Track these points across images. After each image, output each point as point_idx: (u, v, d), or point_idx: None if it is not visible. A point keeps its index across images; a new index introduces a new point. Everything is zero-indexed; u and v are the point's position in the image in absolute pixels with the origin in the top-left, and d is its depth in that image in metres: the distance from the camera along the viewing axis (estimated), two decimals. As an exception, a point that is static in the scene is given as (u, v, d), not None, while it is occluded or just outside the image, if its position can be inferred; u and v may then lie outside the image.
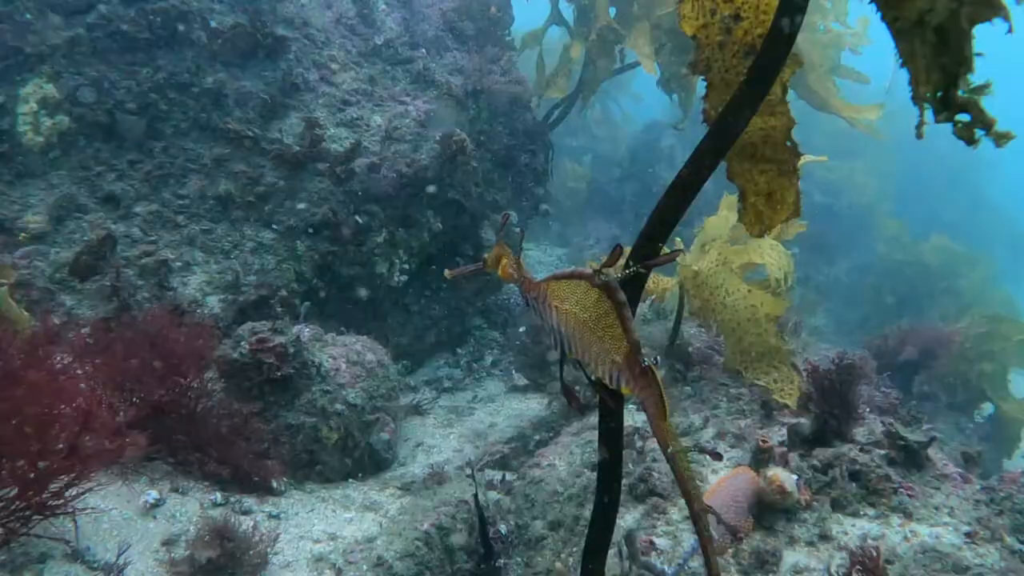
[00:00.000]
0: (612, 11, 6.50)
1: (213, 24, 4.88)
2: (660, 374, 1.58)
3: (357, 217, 4.96)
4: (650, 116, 13.21)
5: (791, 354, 3.68)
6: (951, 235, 13.01)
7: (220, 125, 4.78)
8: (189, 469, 3.48)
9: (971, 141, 1.22)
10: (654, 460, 3.50)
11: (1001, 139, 1.22)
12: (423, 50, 5.59)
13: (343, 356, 4.09)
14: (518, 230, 2.82)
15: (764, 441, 3.13)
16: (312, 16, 5.29)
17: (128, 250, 4.43)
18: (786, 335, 4.06)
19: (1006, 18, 1.20)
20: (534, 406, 5.05)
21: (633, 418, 3.87)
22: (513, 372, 5.79)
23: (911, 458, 3.28)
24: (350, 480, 4.06)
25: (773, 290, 3.86)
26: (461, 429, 4.85)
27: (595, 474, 3.79)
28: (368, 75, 5.37)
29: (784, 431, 3.63)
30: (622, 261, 1.67)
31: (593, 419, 4.28)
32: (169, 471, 3.46)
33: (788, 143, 1.95)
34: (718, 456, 1.70)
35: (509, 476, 4.19)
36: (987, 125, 1.19)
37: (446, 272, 2.18)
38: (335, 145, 4.97)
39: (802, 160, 1.99)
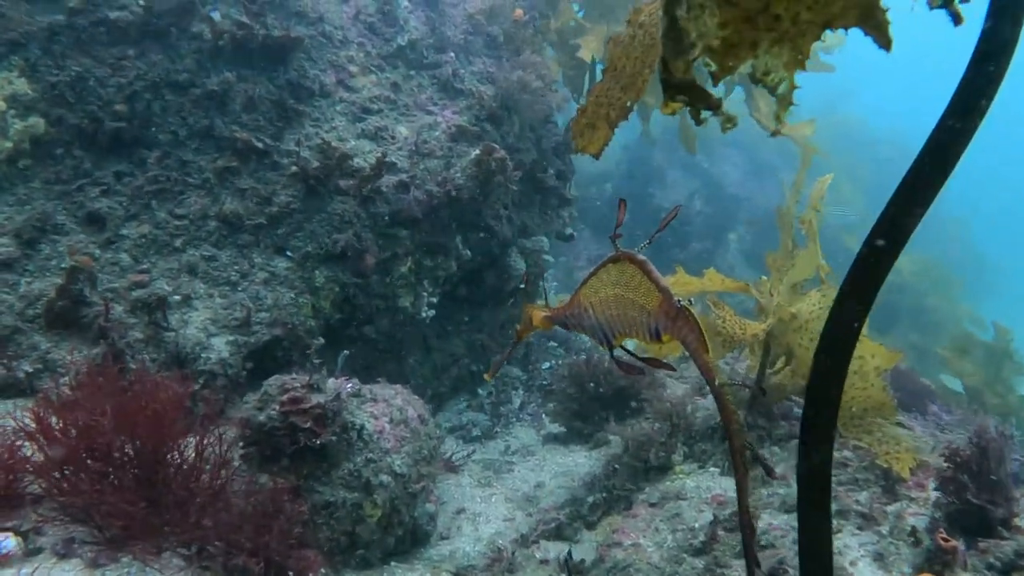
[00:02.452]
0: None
1: (216, 16, 4.17)
2: (696, 310, 1.65)
3: (382, 243, 4.29)
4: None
5: (895, 410, 3.14)
6: (908, 249, 12.96)
7: (225, 134, 4.07)
8: (209, 564, 2.77)
9: (698, 121, 1.21)
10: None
11: (726, 123, 1.19)
12: (451, 54, 4.95)
13: (385, 415, 3.42)
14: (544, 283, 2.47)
15: (945, 539, 2.57)
16: (328, 10, 4.62)
17: (115, 280, 3.69)
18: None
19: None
20: (581, 460, 4.42)
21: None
22: (544, 417, 5.16)
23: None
24: (392, 562, 3.38)
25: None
26: (503, 490, 4.20)
27: (699, 562, 3.20)
28: (391, 80, 4.71)
29: (916, 508, 3.09)
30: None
31: (671, 484, 3.69)
32: (184, 566, 2.74)
33: None
34: (771, 472, 1.75)
35: (578, 554, 3.55)
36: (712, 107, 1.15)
37: (487, 376, 2.43)
38: (358, 159, 4.29)
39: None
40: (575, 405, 4.69)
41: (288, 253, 4.03)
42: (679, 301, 1.68)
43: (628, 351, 2.07)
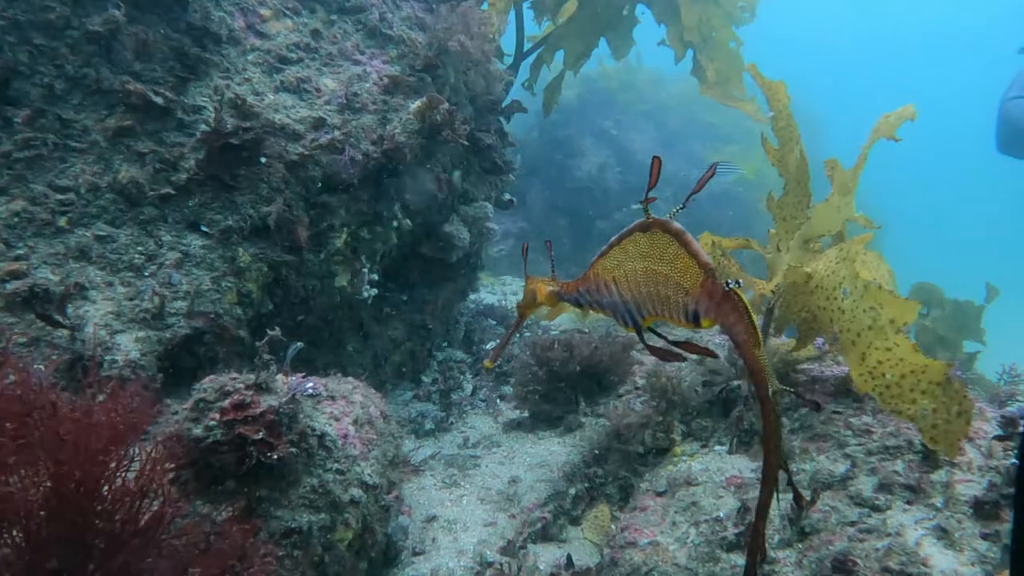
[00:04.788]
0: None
1: (93, -56, 3.39)
2: (747, 297, 1.40)
3: (314, 214, 3.65)
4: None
5: (949, 375, 2.73)
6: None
7: (115, 86, 3.32)
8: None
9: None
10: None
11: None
12: (376, -4, 4.31)
13: (348, 415, 2.82)
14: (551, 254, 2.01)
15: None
16: (230, -57, 3.89)
17: (-17, 271, 2.92)
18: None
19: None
20: (555, 448, 3.93)
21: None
22: (499, 403, 4.65)
23: None
24: (365, 591, 2.81)
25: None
26: (474, 489, 3.66)
27: (738, 558, 2.76)
28: (310, 27, 4.03)
29: (963, 475, 2.76)
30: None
31: (676, 468, 3.25)
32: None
33: None
34: (818, 406, 1.64)
35: (579, 560, 3.07)
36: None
37: (486, 363, 2.20)
38: (279, 115, 3.62)
39: None
40: (540, 387, 4.19)
41: (204, 228, 3.34)
42: (727, 282, 1.44)
43: (659, 334, 1.84)
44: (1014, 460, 2.75)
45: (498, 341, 5.27)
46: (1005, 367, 4.44)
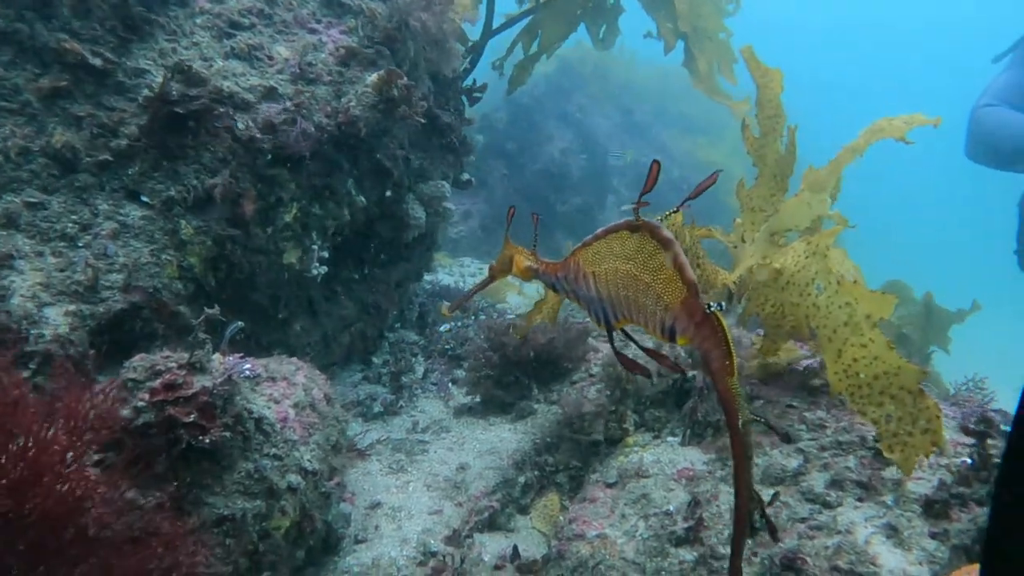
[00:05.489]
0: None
1: None
2: (727, 322, 1.37)
3: (262, 187, 3.50)
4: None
5: (921, 377, 2.67)
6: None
7: (51, 44, 3.13)
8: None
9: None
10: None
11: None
12: (334, -38, 4.14)
13: (288, 397, 2.70)
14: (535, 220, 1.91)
15: None
16: (179, -102, 3.69)
17: (-99, 236, 2.74)
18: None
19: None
20: (505, 435, 3.86)
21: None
22: (451, 387, 4.55)
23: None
24: (303, 582, 2.71)
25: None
26: (421, 475, 3.56)
27: (687, 553, 2.71)
28: (263, -10, 3.86)
29: (928, 477, 2.73)
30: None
31: (627, 459, 3.19)
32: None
33: None
34: (788, 439, 1.66)
35: (521, 546, 3.00)
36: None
37: (443, 309, 2.16)
38: (227, 83, 3.46)
39: None
40: (493, 371, 4.11)
41: (144, 198, 3.18)
42: (708, 305, 1.39)
43: (632, 338, 1.83)
44: (965, 459, 2.74)
45: (453, 324, 5.18)
46: (970, 377, 4.44)
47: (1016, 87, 5.22)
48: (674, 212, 1.57)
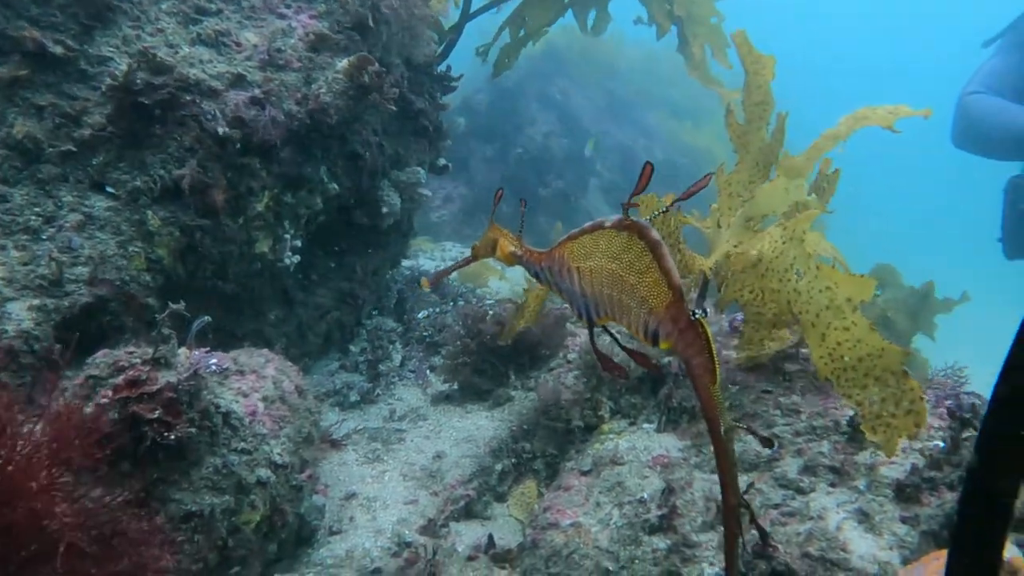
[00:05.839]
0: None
1: None
2: (711, 330, 1.37)
3: (232, 176, 3.45)
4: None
5: (905, 359, 2.67)
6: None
7: (10, 32, 3.06)
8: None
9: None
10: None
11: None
12: (303, -55, 4.06)
13: (257, 391, 2.67)
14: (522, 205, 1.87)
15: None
16: None
17: None
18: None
19: None
20: (483, 423, 3.84)
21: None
22: (428, 374, 4.54)
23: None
24: (275, 574, 2.69)
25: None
26: (397, 465, 3.55)
27: (660, 541, 2.71)
28: (230, -26, 3.78)
29: (900, 461, 2.73)
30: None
31: (602, 447, 3.18)
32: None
33: None
34: (769, 443, 1.59)
35: (497, 535, 3.00)
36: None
37: (423, 282, 2.13)
38: (194, 70, 3.40)
39: None
40: (469, 359, 4.09)
41: (109, 189, 3.13)
42: (693, 312, 1.37)
43: (611, 334, 1.82)
44: (937, 443, 2.75)
45: (431, 310, 5.15)
46: (951, 364, 4.44)
47: (1003, 75, 5.19)
48: (664, 212, 1.56)
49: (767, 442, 1.58)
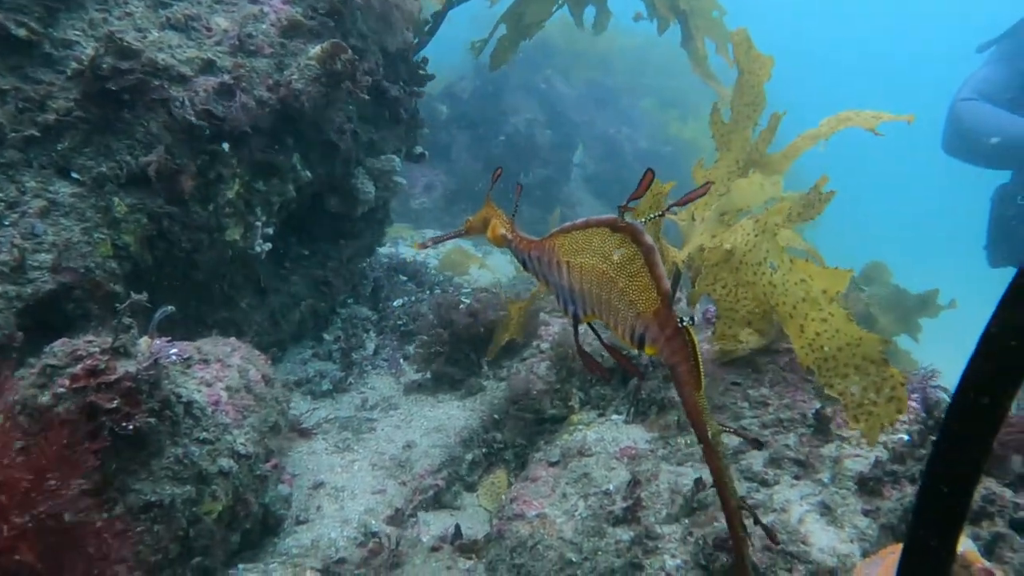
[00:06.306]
0: None
1: None
2: (697, 337, 1.37)
3: (202, 162, 3.41)
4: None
5: (883, 346, 2.66)
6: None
7: (-28, 14, 3.01)
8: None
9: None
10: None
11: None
12: (276, -72, 4.01)
13: (221, 380, 2.65)
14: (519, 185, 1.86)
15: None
16: None
17: None
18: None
19: None
20: (454, 412, 3.84)
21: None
22: (402, 362, 4.52)
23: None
24: (239, 564, 2.68)
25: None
26: (367, 454, 3.54)
27: (624, 533, 2.71)
28: (201, -43, 3.73)
29: (851, 449, 2.76)
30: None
31: (570, 437, 3.19)
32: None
33: None
34: (759, 444, 1.61)
35: (465, 525, 3.00)
36: None
37: (415, 244, 2.14)
38: (163, 55, 3.35)
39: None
40: (442, 348, 4.08)
41: (74, 175, 3.09)
42: (680, 319, 1.37)
43: (597, 334, 1.82)
44: (902, 436, 2.77)
45: (406, 299, 5.13)
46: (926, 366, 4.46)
47: (995, 82, 5.18)
48: (659, 216, 1.59)
49: (756, 444, 1.59)
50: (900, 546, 2.09)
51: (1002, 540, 2.16)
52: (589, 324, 1.73)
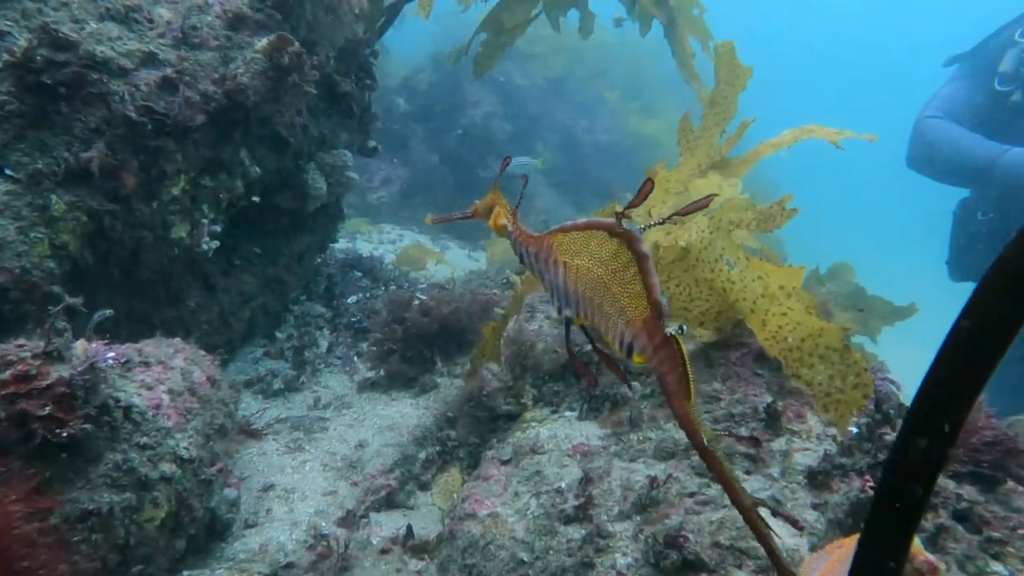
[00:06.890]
0: None
1: None
2: (686, 348, 1.35)
3: (144, 159, 3.32)
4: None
5: (846, 336, 2.69)
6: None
7: None
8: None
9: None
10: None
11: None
12: (220, -83, 3.90)
13: (163, 383, 2.58)
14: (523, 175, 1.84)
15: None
16: None
17: None
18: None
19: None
20: (407, 410, 3.80)
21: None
22: (355, 360, 4.47)
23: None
24: (183, 570, 2.62)
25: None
26: (318, 454, 3.49)
27: (575, 531, 2.70)
28: (142, -53, 3.62)
29: (801, 443, 2.78)
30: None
31: (523, 435, 3.17)
32: None
33: None
34: (757, 442, 1.71)
35: (417, 525, 2.97)
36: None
37: (428, 217, 2.07)
38: (101, 47, 3.25)
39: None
40: (396, 345, 4.04)
41: (8, 172, 2.98)
42: (670, 328, 1.36)
43: (587, 334, 1.78)
44: (851, 428, 2.79)
45: (361, 295, 5.07)
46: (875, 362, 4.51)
47: (957, 100, 5.25)
48: (655, 225, 1.52)
49: (754, 441, 1.60)
50: (845, 540, 2.11)
51: (945, 531, 2.19)
52: (583, 328, 1.71)
